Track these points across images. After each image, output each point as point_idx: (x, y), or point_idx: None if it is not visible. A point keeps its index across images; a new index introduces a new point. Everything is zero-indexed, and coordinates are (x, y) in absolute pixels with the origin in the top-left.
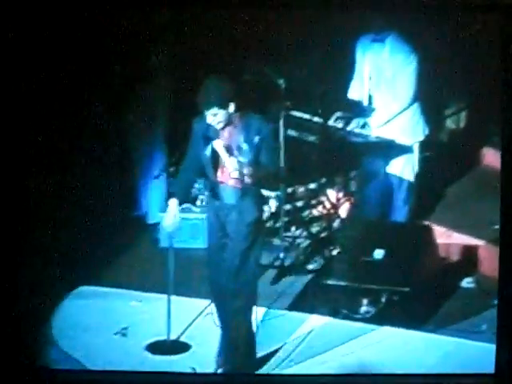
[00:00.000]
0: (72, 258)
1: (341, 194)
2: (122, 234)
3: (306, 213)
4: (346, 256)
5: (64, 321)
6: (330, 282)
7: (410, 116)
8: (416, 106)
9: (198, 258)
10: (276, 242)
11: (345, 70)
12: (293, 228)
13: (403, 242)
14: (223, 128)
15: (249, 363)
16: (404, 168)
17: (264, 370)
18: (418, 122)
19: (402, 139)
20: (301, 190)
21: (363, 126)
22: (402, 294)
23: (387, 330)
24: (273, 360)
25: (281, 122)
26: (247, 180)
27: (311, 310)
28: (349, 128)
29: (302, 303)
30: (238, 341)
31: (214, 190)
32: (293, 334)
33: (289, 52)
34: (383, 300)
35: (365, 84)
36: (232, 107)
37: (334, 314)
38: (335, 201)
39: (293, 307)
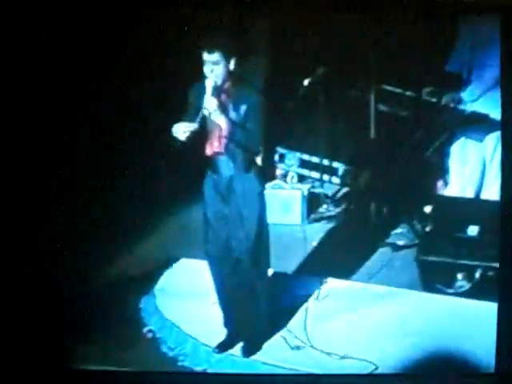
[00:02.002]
0: (174, 234)
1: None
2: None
3: None
4: (439, 233)
5: (166, 291)
6: (423, 257)
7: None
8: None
9: (289, 234)
10: None
11: (442, 42)
12: None
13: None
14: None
15: None
16: (496, 143)
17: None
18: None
19: (494, 114)
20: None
21: (458, 101)
22: (496, 270)
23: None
24: None
25: (371, 96)
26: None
27: (404, 285)
28: (443, 102)
29: (394, 278)
30: None
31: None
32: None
33: (381, 23)
34: (477, 275)
35: (464, 56)
36: (232, 64)
37: (428, 288)
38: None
39: (384, 282)
